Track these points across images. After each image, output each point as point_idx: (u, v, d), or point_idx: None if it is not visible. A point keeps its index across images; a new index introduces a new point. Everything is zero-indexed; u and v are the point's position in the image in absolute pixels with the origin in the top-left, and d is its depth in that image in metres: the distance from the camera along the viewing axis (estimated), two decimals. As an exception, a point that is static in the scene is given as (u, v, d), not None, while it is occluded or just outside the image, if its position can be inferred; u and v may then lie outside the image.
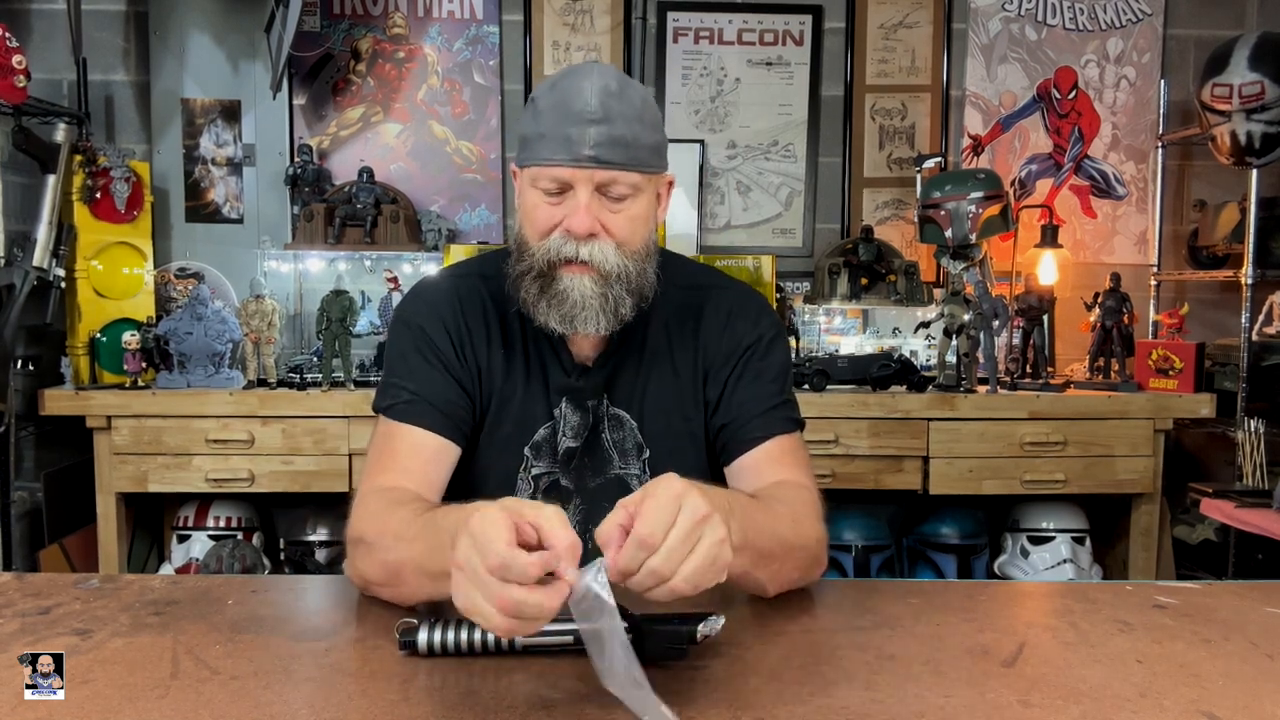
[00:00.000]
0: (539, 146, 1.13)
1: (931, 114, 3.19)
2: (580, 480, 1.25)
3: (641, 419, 1.25)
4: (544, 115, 1.13)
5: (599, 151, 1.10)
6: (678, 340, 1.27)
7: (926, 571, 2.91)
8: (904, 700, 0.81)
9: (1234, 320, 2.95)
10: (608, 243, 1.14)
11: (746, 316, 1.28)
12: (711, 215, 3.19)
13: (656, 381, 1.26)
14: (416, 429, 1.18)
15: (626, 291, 1.16)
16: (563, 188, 1.13)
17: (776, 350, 1.28)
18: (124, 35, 3.01)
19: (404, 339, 1.25)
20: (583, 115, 1.10)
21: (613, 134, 1.10)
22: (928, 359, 3.01)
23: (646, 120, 1.14)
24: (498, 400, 1.25)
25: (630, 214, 1.15)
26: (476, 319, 1.26)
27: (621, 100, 1.12)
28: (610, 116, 1.10)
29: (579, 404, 1.24)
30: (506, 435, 1.25)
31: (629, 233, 1.15)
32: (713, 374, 1.27)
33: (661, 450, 1.25)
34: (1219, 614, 1.04)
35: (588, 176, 1.11)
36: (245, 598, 1.06)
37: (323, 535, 2.78)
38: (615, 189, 1.13)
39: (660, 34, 3.13)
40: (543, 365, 1.25)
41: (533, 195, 1.16)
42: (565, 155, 1.11)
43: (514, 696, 0.81)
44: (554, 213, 1.14)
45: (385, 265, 2.95)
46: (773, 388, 1.25)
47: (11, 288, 2.50)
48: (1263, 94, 2.55)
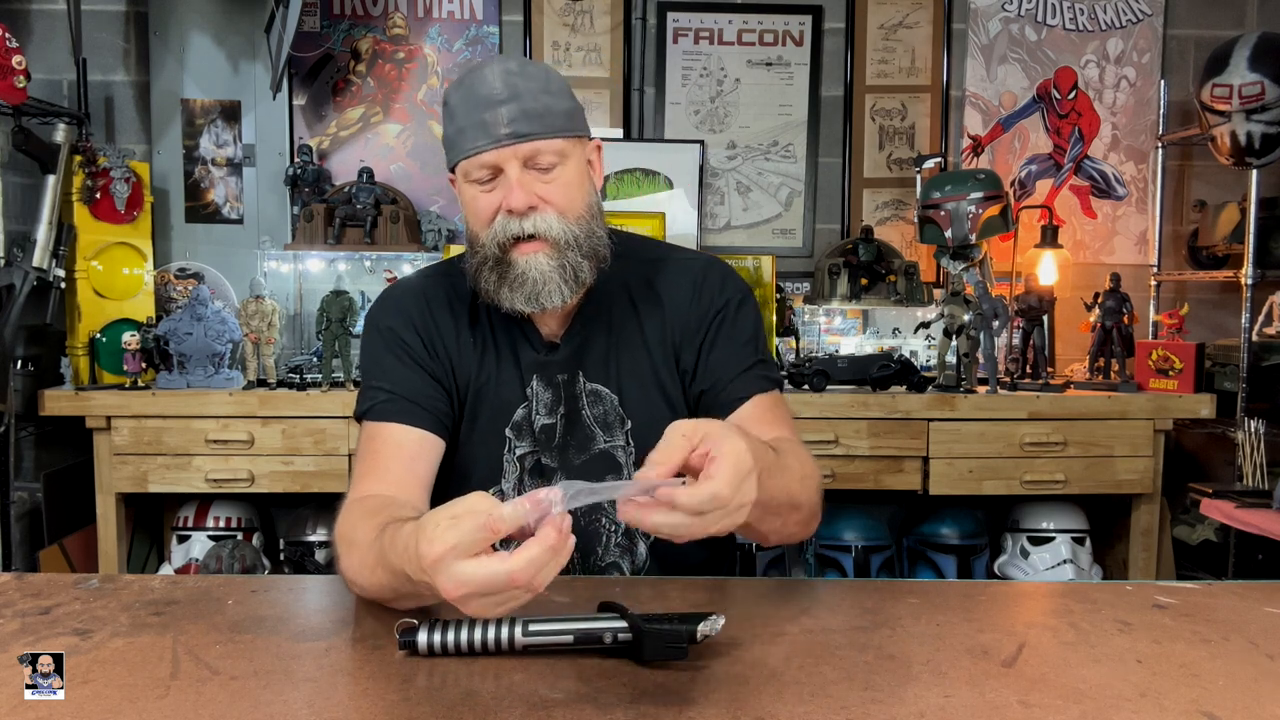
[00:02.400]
0: (460, 141, 1.17)
1: (931, 114, 3.19)
2: (564, 458, 1.27)
3: (620, 391, 1.27)
4: (457, 111, 1.17)
5: (515, 127, 1.14)
6: (645, 311, 1.29)
7: (926, 572, 2.91)
8: (904, 700, 0.81)
9: (1234, 320, 2.95)
10: (549, 212, 1.17)
11: (712, 283, 1.30)
12: (711, 215, 3.19)
13: (629, 354, 1.28)
14: (397, 426, 1.20)
15: (581, 256, 1.19)
16: (494, 172, 1.16)
17: (746, 311, 1.30)
18: (124, 35, 3.01)
19: (375, 343, 1.28)
20: (491, 99, 1.14)
21: (524, 108, 1.14)
22: (928, 359, 3.01)
23: (554, 89, 1.18)
24: (474, 388, 1.27)
25: (563, 180, 1.18)
26: (444, 313, 1.28)
27: (524, 77, 1.16)
28: (518, 93, 1.14)
29: (549, 380, 1.27)
30: (487, 420, 1.27)
31: (566, 199, 1.18)
32: (685, 343, 1.29)
33: (643, 420, 1.27)
34: (1219, 614, 1.04)
35: (511, 153, 1.15)
36: (245, 598, 1.06)
37: (322, 535, 2.78)
38: (542, 159, 1.16)
39: (660, 34, 3.13)
40: (513, 347, 1.28)
41: (469, 190, 1.19)
42: (485, 139, 1.14)
43: (514, 696, 0.81)
44: (492, 199, 1.17)
45: (385, 265, 2.95)
46: (747, 349, 1.28)
47: (11, 288, 2.50)
48: (1263, 94, 2.55)
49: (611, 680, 0.84)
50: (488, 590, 0.78)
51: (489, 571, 0.77)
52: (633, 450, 1.28)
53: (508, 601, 0.79)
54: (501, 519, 0.77)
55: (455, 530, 0.78)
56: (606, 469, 1.27)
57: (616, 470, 1.28)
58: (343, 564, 1.05)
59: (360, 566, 1.00)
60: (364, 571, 0.99)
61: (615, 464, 1.28)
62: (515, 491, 1.28)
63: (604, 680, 0.84)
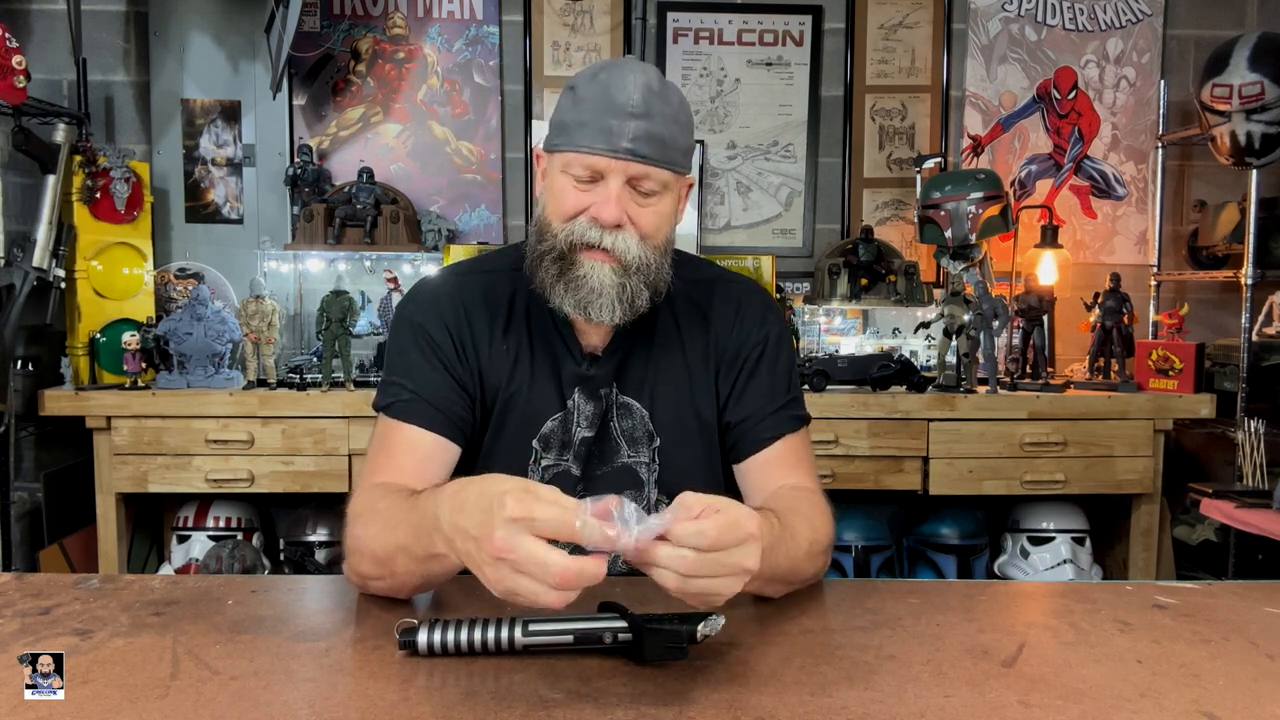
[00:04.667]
0: (577, 133, 1.14)
1: (931, 114, 3.19)
2: (587, 468, 1.26)
3: (653, 408, 1.26)
4: (585, 104, 1.14)
5: (637, 145, 1.12)
6: (688, 331, 1.29)
7: (926, 571, 2.91)
8: (904, 700, 0.81)
9: (1234, 320, 2.95)
10: (632, 234, 1.16)
11: (754, 312, 1.30)
12: (711, 215, 3.19)
13: (667, 371, 1.27)
14: (414, 428, 1.19)
15: (644, 284, 1.18)
16: (594, 176, 1.14)
17: (784, 347, 1.31)
18: (124, 35, 3.01)
19: (404, 337, 1.26)
20: (625, 108, 1.11)
21: (651, 130, 1.12)
22: (928, 359, 3.01)
23: (682, 122, 1.17)
24: (504, 396, 1.25)
25: (657, 209, 1.17)
26: (479, 316, 1.26)
27: (662, 99, 1.14)
28: (651, 113, 1.12)
29: (592, 393, 1.25)
30: (514, 430, 1.25)
31: (654, 227, 1.17)
32: (724, 368, 1.29)
33: (672, 439, 1.26)
34: (1219, 614, 1.04)
35: (622, 168, 1.13)
36: (245, 598, 1.06)
37: (322, 535, 2.78)
38: (645, 184, 1.15)
39: (660, 34, 3.13)
40: (552, 356, 1.25)
41: (562, 180, 1.17)
42: (604, 145, 1.12)
43: (514, 696, 0.81)
44: (582, 198, 1.15)
45: (385, 265, 2.95)
46: (780, 386, 1.28)
47: (11, 288, 2.50)
48: (1262, 94, 2.55)
49: (611, 680, 0.84)
50: (526, 570, 0.78)
51: (545, 557, 0.78)
52: (657, 468, 1.26)
53: (526, 591, 0.79)
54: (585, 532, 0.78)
55: (547, 508, 0.79)
56: (628, 483, 1.26)
57: (638, 486, 1.26)
58: (354, 533, 1.05)
59: (381, 527, 1.00)
60: (384, 531, 0.99)
61: (637, 479, 1.26)
62: None
63: (604, 680, 0.84)
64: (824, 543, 1.14)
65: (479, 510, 0.83)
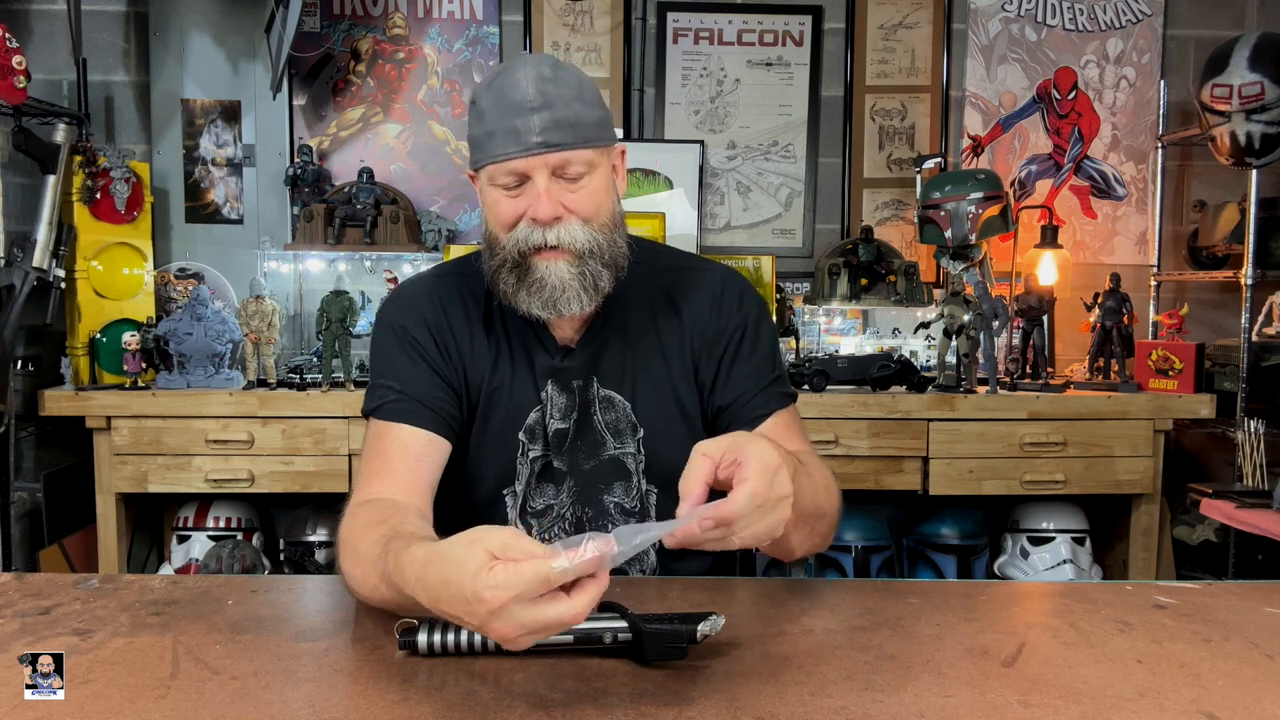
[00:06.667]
0: (490, 144, 1.15)
1: (931, 114, 3.19)
2: (574, 462, 1.27)
3: (634, 399, 1.27)
4: (487, 114, 1.15)
5: (546, 136, 1.12)
6: (663, 321, 1.30)
7: (926, 572, 2.91)
8: (904, 700, 0.81)
9: (1234, 321, 2.95)
10: (574, 222, 1.16)
11: (731, 296, 1.31)
12: (711, 216, 3.19)
13: (645, 362, 1.28)
14: (405, 427, 1.20)
15: (602, 265, 1.19)
16: (520, 179, 1.15)
17: (765, 327, 1.32)
18: (124, 35, 3.01)
19: (387, 341, 1.27)
20: (523, 105, 1.12)
21: (555, 117, 1.13)
22: (928, 359, 3.01)
23: (586, 98, 1.17)
24: (487, 391, 1.26)
25: (590, 189, 1.17)
26: (458, 315, 1.28)
27: (557, 84, 1.14)
28: (550, 101, 1.13)
29: (564, 385, 1.26)
30: (500, 423, 1.26)
31: (593, 208, 1.18)
32: (705, 355, 1.29)
33: (655, 429, 1.27)
34: (1219, 614, 1.04)
35: (541, 162, 1.13)
36: (245, 598, 1.06)
37: (322, 535, 2.78)
38: (570, 169, 1.15)
39: (660, 34, 3.13)
40: (526, 350, 1.27)
41: (493, 193, 1.18)
42: (515, 147, 1.13)
43: (514, 696, 0.81)
44: (516, 204, 1.16)
45: (385, 266, 2.95)
46: (766, 365, 1.29)
47: (11, 288, 2.49)
48: (1262, 94, 2.55)
49: (611, 680, 0.84)
50: (543, 631, 0.77)
51: (553, 616, 0.76)
52: (643, 458, 1.27)
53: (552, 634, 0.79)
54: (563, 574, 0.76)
55: (518, 579, 0.75)
56: (615, 475, 1.27)
57: (626, 477, 1.27)
58: (345, 570, 1.04)
59: (364, 580, 0.98)
60: (366, 585, 0.98)
61: (624, 471, 1.27)
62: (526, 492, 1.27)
63: (604, 680, 0.84)
64: (834, 485, 1.16)
65: (460, 601, 0.78)
